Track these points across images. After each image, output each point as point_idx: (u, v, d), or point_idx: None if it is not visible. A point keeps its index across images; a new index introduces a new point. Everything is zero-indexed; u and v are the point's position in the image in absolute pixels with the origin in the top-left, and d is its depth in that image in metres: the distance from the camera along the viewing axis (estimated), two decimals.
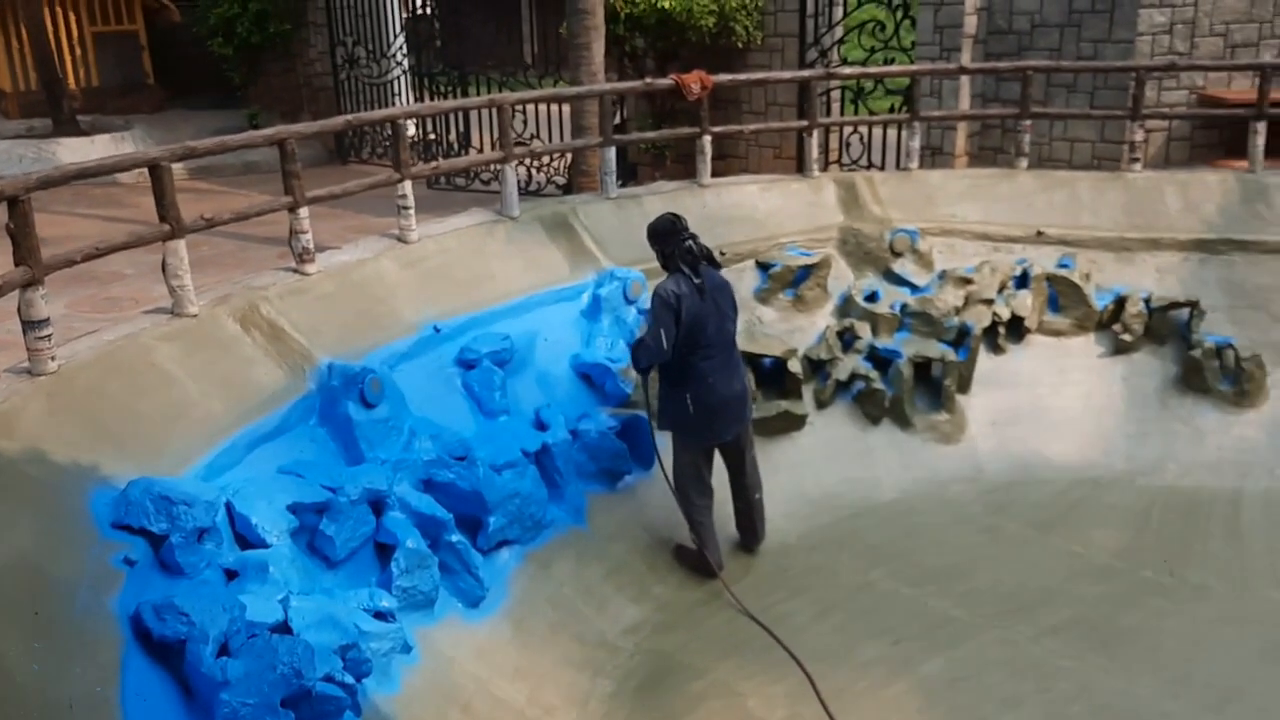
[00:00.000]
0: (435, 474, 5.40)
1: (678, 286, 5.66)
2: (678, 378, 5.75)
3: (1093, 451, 7.36)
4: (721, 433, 5.86)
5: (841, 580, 6.15)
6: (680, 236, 5.76)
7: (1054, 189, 8.37)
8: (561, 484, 6.00)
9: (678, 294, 5.63)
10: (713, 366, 5.70)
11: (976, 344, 7.53)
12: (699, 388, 5.71)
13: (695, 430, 5.81)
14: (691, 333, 5.63)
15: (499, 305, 6.51)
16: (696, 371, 5.69)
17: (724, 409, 5.78)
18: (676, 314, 5.59)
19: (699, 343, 5.67)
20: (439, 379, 5.99)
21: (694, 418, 5.75)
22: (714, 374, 5.71)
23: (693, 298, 5.64)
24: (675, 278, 5.70)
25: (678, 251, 5.73)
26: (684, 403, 5.73)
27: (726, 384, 5.77)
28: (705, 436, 5.85)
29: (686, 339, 5.63)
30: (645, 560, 6.08)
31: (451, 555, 5.23)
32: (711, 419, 5.77)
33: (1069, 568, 6.22)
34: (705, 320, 5.67)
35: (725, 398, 5.76)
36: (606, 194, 7.82)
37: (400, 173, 6.62)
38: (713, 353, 5.72)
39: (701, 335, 5.67)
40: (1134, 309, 7.65)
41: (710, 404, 5.73)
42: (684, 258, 5.72)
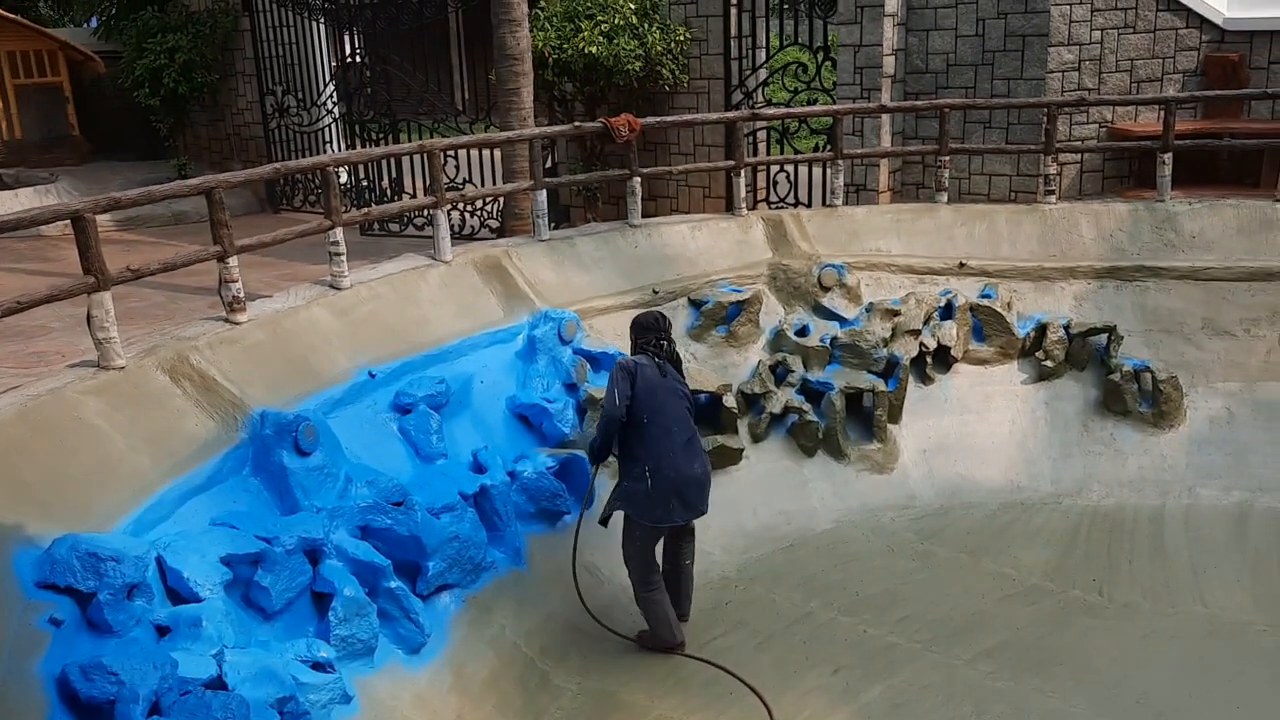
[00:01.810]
0: (372, 520, 5.33)
1: (637, 360, 5.74)
2: (637, 450, 5.60)
3: (1020, 475, 7.51)
4: (676, 515, 5.60)
5: (780, 611, 6.17)
6: (658, 334, 5.86)
7: (974, 222, 8.58)
8: (501, 526, 5.95)
9: (637, 363, 5.69)
10: (672, 442, 5.57)
11: (905, 374, 7.66)
12: (658, 461, 5.53)
13: (649, 508, 5.55)
14: (648, 402, 5.58)
15: (433, 349, 6.48)
16: (655, 444, 5.55)
17: (684, 489, 5.57)
18: (632, 379, 5.62)
19: (657, 414, 5.58)
20: (374, 425, 5.93)
21: (650, 494, 5.55)
22: (674, 450, 5.56)
23: (651, 371, 5.68)
24: (638, 356, 5.80)
25: (650, 344, 5.82)
26: (641, 476, 5.55)
27: (687, 463, 5.57)
28: (660, 516, 5.57)
29: (644, 406, 5.58)
30: (587, 598, 6.01)
31: (390, 602, 5.16)
32: (668, 498, 5.54)
33: (1001, 590, 6.31)
34: (662, 395, 5.63)
35: (686, 477, 5.56)
36: (539, 236, 7.84)
37: (331, 219, 6.58)
38: (672, 427, 5.59)
39: (659, 406, 5.59)
40: (1054, 335, 7.84)
41: (669, 479, 5.52)
42: (649, 348, 5.81)
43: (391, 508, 5.40)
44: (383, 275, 6.91)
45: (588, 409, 6.73)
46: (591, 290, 7.54)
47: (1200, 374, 7.76)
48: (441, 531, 5.48)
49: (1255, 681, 5.40)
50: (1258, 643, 5.72)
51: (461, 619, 5.55)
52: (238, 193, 12.94)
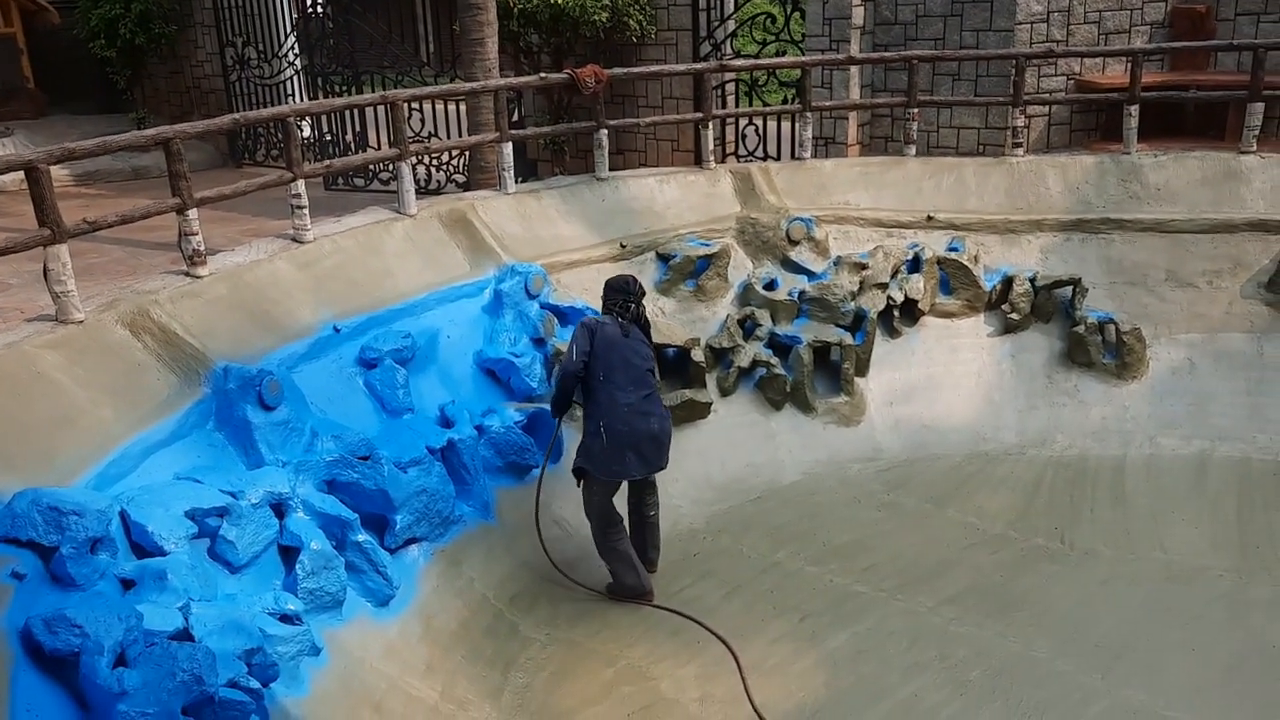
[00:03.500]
0: (339, 474, 5.34)
1: (600, 319, 5.81)
2: (593, 408, 5.73)
3: (985, 426, 7.61)
4: (631, 469, 5.71)
5: (748, 561, 6.26)
6: (626, 297, 5.89)
7: (942, 174, 8.61)
8: (469, 480, 5.99)
9: (599, 322, 5.77)
10: (627, 399, 5.66)
11: (873, 327, 7.72)
12: (611, 417, 5.63)
13: (604, 462, 5.67)
14: (605, 359, 5.66)
15: (399, 304, 6.45)
16: (610, 401, 5.65)
17: (636, 446, 5.65)
18: (592, 336, 5.70)
19: (612, 371, 5.65)
20: (340, 379, 5.92)
21: (604, 448, 5.65)
22: (628, 407, 5.65)
23: (612, 330, 5.74)
24: (602, 317, 5.86)
25: (618, 305, 5.86)
26: (596, 432, 5.67)
27: (642, 420, 5.66)
28: (615, 470, 5.68)
29: (601, 364, 5.66)
30: (555, 551, 6.09)
31: (358, 555, 5.18)
32: (622, 452, 5.64)
33: (965, 539, 6.43)
34: (620, 353, 5.70)
35: (640, 432, 5.65)
36: (505, 189, 7.80)
37: (293, 172, 6.51)
38: (628, 386, 5.67)
39: (615, 364, 5.67)
40: (1020, 288, 7.92)
41: (621, 435, 5.62)
42: (619, 310, 5.84)
43: (358, 462, 5.41)
44: (346, 228, 6.86)
45: (555, 363, 6.74)
46: (558, 244, 7.53)
47: (1163, 325, 7.87)
48: (409, 485, 5.50)
49: (1212, 624, 5.55)
50: (1215, 586, 5.86)
51: (430, 571, 5.59)
52: (199, 147, 12.76)
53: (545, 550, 5.98)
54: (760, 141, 10.41)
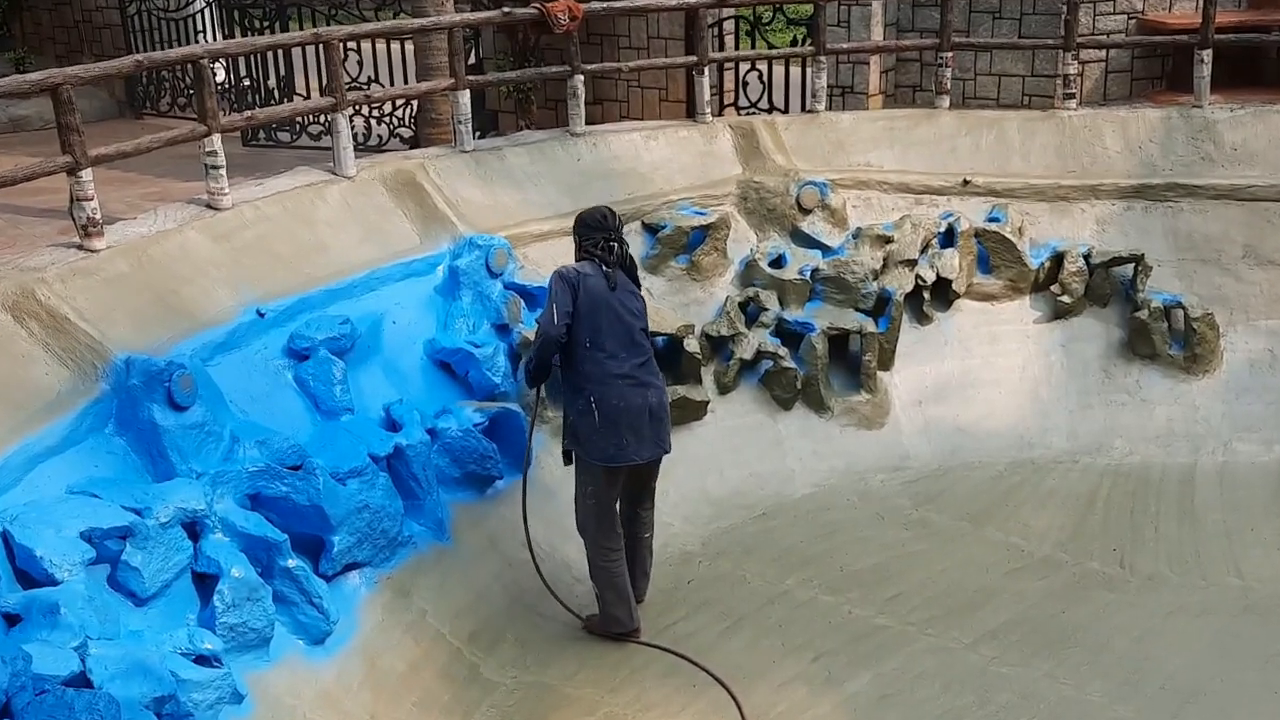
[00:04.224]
0: (264, 487, 5.34)
1: (580, 267, 5.73)
2: (578, 379, 5.69)
3: (1030, 430, 7.68)
4: (632, 452, 5.67)
5: (751, 590, 6.29)
6: (607, 234, 5.81)
7: (980, 131, 8.66)
8: (420, 494, 5.99)
9: (580, 272, 5.67)
10: (619, 368, 5.65)
11: (898, 312, 7.76)
12: (603, 390, 5.61)
13: (600, 444, 5.64)
14: (591, 320, 5.62)
15: (335, 283, 6.45)
16: (600, 370, 5.64)
17: (636, 422, 5.64)
18: (574, 292, 5.61)
19: (601, 335, 5.64)
20: (265, 373, 5.91)
21: (595, 429, 5.62)
22: (622, 377, 5.65)
23: (596, 282, 5.67)
24: (582, 262, 5.79)
25: (599, 246, 5.78)
26: (587, 409, 5.63)
27: (639, 392, 5.66)
28: (612, 453, 5.64)
29: (586, 326, 5.63)
30: (521, 577, 6.11)
31: (288, 584, 5.18)
32: (619, 431, 5.61)
33: (1007, 563, 6.49)
34: (608, 312, 5.67)
35: (636, 407, 5.64)
36: (461, 147, 7.79)
37: (207, 125, 6.48)
38: (619, 352, 5.67)
39: (605, 326, 5.65)
40: (1073, 266, 7.98)
41: (618, 410, 5.61)
42: (597, 251, 5.77)
43: (287, 472, 5.41)
44: (271, 193, 6.84)
45: (522, 354, 6.75)
46: (525, 212, 7.53)
47: (1240, 310, 7.95)
48: (348, 500, 5.50)
49: None
50: None
51: (374, 603, 5.59)
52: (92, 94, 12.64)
53: (535, 561, 5.99)
54: (765, 91, 10.43)
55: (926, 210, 8.22)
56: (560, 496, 6.36)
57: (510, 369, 6.73)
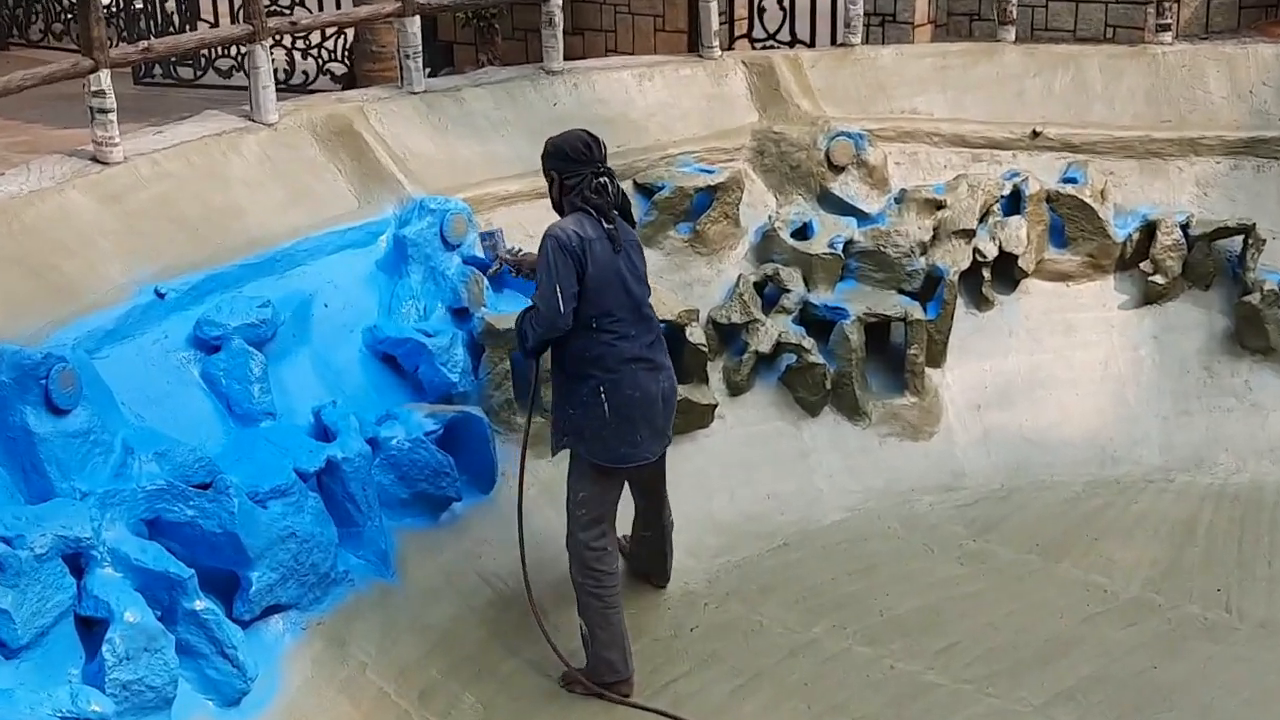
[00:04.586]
0: (166, 510, 5.32)
1: (580, 227, 5.64)
2: (580, 365, 5.70)
3: (1114, 441, 7.70)
4: (645, 449, 5.81)
5: (770, 639, 6.28)
6: (595, 167, 5.75)
7: (1053, 71, 8.67)
8: (358, 519, 5.98)
9: (580, 235, 5.61)
10: (632, 349, 5.70)
11: (952, 295, 7.77)
12: (614, 377, 5.66)
13: (609, 442, 5.72)
14: (600, 295, 5.62)
15: (253, 256, 6.43)
16: (611, 354, 5.66)
17: (650, 413, 5.76)
18: (580, 263, 5.57)
19: (610, 313, 5.66)
20: (165, 368, 5.89)
21: (608, 422, 5.67)
22: (635, 360, 5.70)
23: (603, 245, 5.65)
24: (577, 217, 5.70)
25: (585, 186, 5.70)
26: (593, 400, 5.66)
27: (652, 378, 5.76)
28: (624, 453, 5.75)
29: (594, 304, 5.63)
30: (486, 626, 6.12)
31: (195, 631, 5.16)
32: (630, 427, 5.71)
33: (1086, 606, 6.49)
34: (619, 282, 5.69)
35: (651, 395, 5.75)
36: (410, 87, 7.78)
37: (93, 59, 6.45)
38: (630, 331, 5.71)
39: (614, 301, 5.67)
40: (1167, 238, 7.99)
41: (632, 401, 5.68)
42: (592, 196, 5.71)
43: (194, 492, 5.38)
44: (173, 144, 6.82)
45: (486, 345, 6.75)
46: (489, 169, 7.53)
47: None
48: (269, 527, 5.48)
49: None
50: None
51: (302, 654, 5.58)
52: None
53: (526, 579, 6.04)
54: (786, 19, 10.44)
55: (986, 169, 8.22)
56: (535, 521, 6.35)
57: (470, 363, 6.72)
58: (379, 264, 6.86)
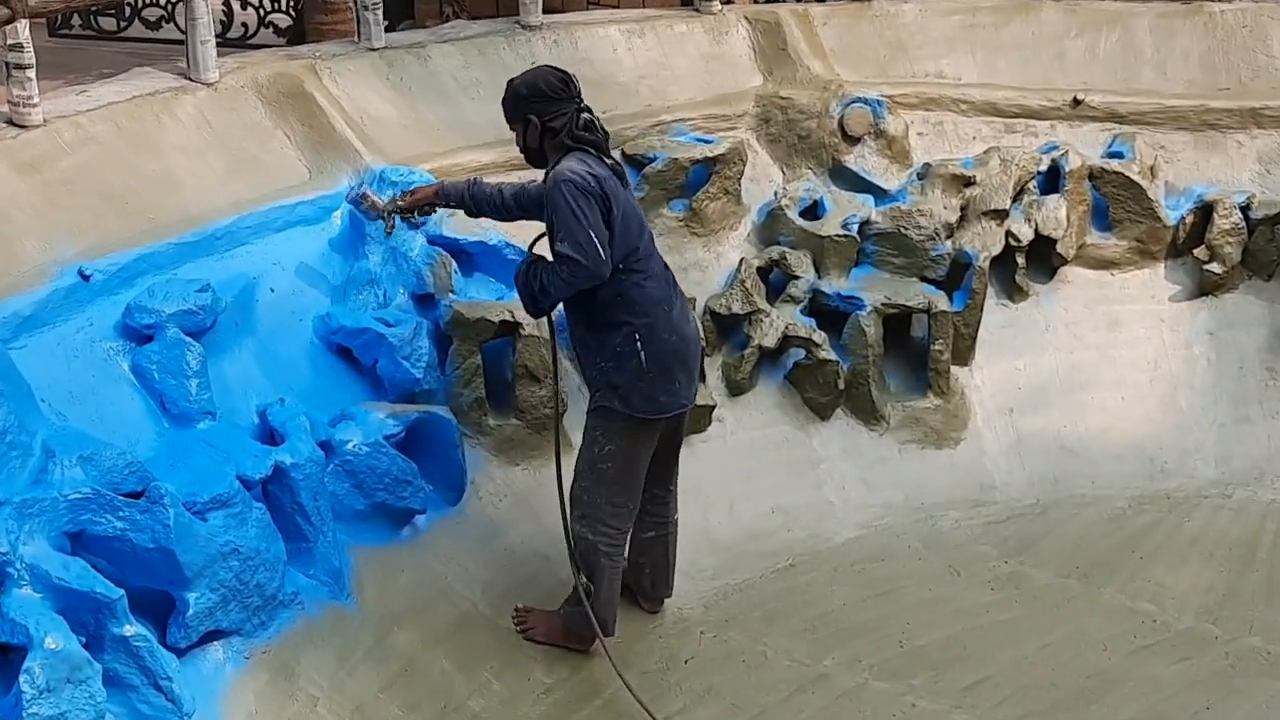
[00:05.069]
0: (91, 522, 5.29)
1: (590, 167, 5.74)
2: (611, 311, 5.85)
3: (1165, 450, 7.75)
4: (683, 394, 6.10)
5: (775, 673, 6.29)
6: (577, 104, 5.86)
7: (1097, 30, 8.70)
8: (309, 534, 5.97)
9: (594, 174, 5.70)
10: (660, 289, 5.94)
11: (981, 284, 7.80)
12: (650, 321, 5.86)
13: (648, 391, 5.89)
14: (625, 235, 5.76)
15: (190, 234, 6.41)
16: (643, 296, 5.85)
17: (687, 353, 6.07)
18: (603, 203, 5.68)
19: (638, 252, 5.84)
20: (91, 360, 5.87)
21: (645, 371, 5.86)
22: (667, 302, 5.95)
23: (613, 182, 5.80)
24: (579, 157, 5.78)
25: (572, 124, 5.79)
26: (629, 349, 5.83)
27: (684, 318, 6.10)
28: (658, 403, 5.98)
29: (620, 245, 5.76)
30: (454, 655, 6.12)
31: (124, 659, 5.14)
32: (669, 374, 5.97)
33: (1133, 638, 6.51)
34: (638, 218, 5.93)
35: (685, 337, 6.06)
36: (368, 42, 7.77)
37: (9, 7, 6.42)
38: (655, 268, 5.95)
39: (639, 239, 5.85)
40: (1225, 222, 8.03)
41: (669, 346, 5.91)
42: (583, 134, 5.81)
43: (124, 501, 5.35)
44: (100, 105, 6.78)
45: (454, 336, 6.76)
46: (458, 135, 7.54)
47: None
48: (209, 542, 5.46)
49: None
50: None
51: (244, 686, 5.55)
52: None
53: (573, 557, 6.17)
54: None
55: (1021, 141, 8.26)
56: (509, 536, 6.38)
57: (435, 356, 6.73)
58: (333, 243, 6.85)
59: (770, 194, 7.93)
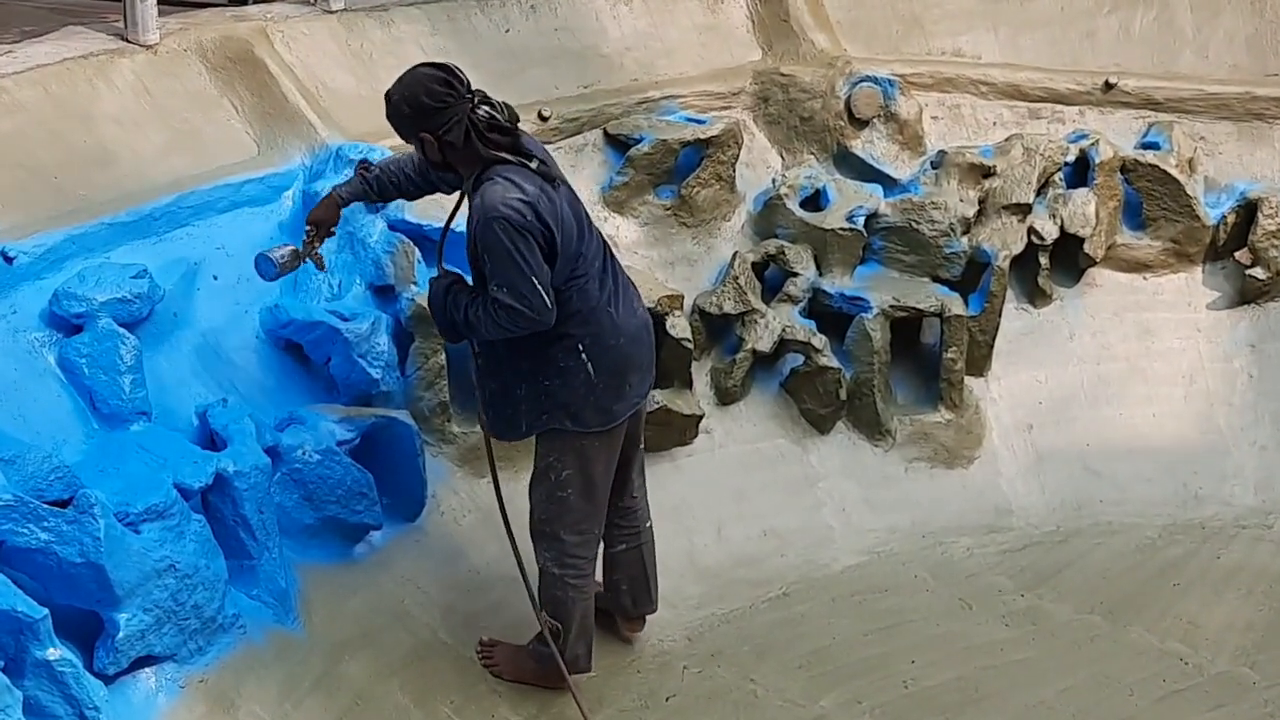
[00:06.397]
0: (12, 533, 5.28)
1: (520, 190, 5.55)
2: (550, 329, 5.76)
3: (1199, 474, 7.81)
4: (632, 397, 6.05)
5: (765, 713, 6.31)
6: (465, 101, 5.63)
7: (1132, 7, 8.74)
8: (253, 549, 5.98)
9: (527, 201, 5.53)
10: (600, 289, 5.85)
11: (1001, 285, 7.84)
12: (593, 328, 5.81)
13: (601, 404, 5.87)
14: (564, 251, 5.66)
15: (125, 213, 6.41)
16: (584, 304, 5.79)
17: (636, 351, 6.01)
18: (545, 236, 5.56)
19: (579, 264, 5.77)
20: (13, 352, 5.87)
21: (595, 383, 5.83)
22: (608, 299, 5.87)
23: (547, 196, 5.61)
24: (503, 176, 5.59)
25: (474, 129, 5.59)
26: (574, 363, 5.80)
27: (629, 309, 6.00)
28: (612, 412, 5.95)
29: (563, 265, 5.69)
30: (410, 688, 6.13)
31: (47, 685, 5.16)
32: (620, 380, 5.93)
33: (1164, 681, 6.53)
34: (576, 224, 5.77)
35: (634, 331, 6.00)
36: (325, 5, 7.79)
37: None
38: (592, 267, 5.83)
39: (577, 246, 5.75)
40: (1271, 223, 8.09)
41: (619, 349, 5.87)
42: (493, 136, 5.64)
43: (49, 510, 5.35)
44: (27, 68, 6.78)
45: (416, 333, 6.79)
46: None
47: None
48: (143, 557, 5.46)
49: None
50: None
51: (179, 717, 5.55)
52: None
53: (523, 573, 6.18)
54: None
55: (1046, 128, 8.31)
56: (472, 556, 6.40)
57: (395, 354, 6.75)
58: (282, 226, 6.85)
59: (768, 181, 7.96)
